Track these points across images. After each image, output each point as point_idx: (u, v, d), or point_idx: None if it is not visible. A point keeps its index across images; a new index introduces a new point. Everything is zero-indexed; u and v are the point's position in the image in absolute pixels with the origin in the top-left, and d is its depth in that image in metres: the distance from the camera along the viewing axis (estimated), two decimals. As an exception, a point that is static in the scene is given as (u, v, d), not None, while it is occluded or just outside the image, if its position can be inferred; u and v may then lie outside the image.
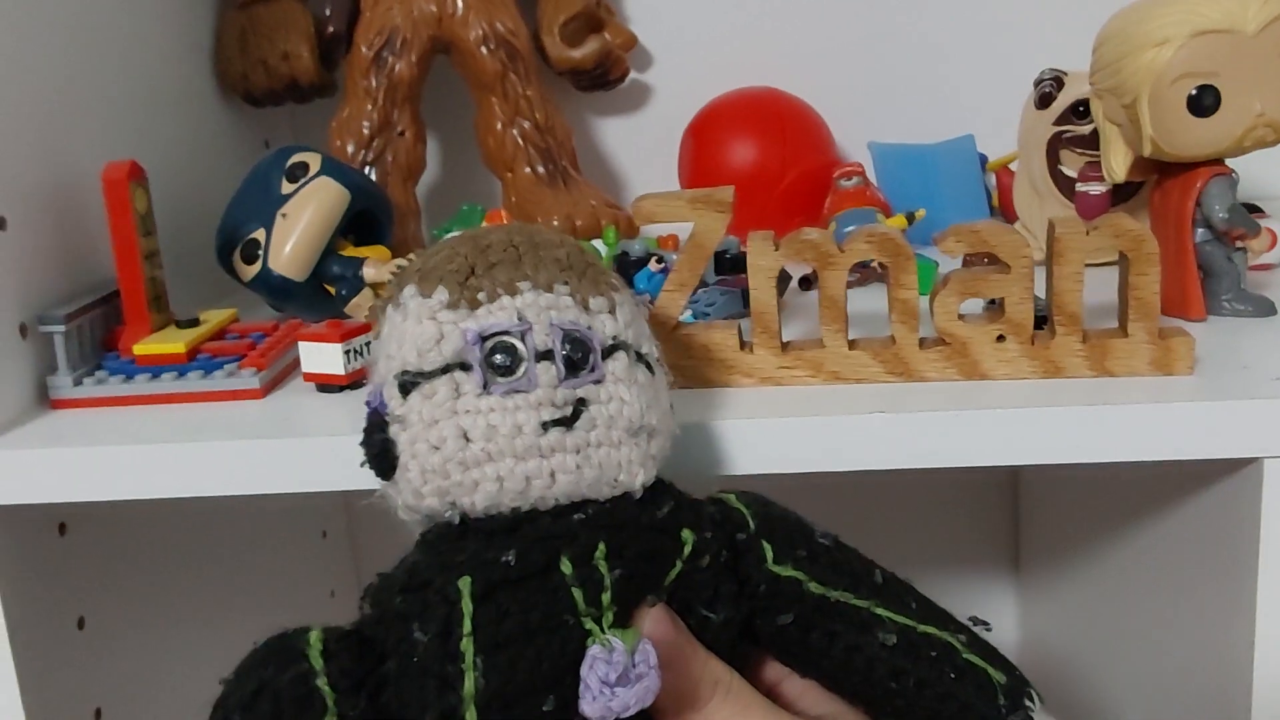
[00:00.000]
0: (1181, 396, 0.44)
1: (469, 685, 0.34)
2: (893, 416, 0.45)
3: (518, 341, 0.36)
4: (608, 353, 0.38)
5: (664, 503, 0.38)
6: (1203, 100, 0.51)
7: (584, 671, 0.34)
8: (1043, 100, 0.67)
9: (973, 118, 0.79)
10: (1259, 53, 0.50)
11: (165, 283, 0.56)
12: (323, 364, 0.51)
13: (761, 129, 0.79)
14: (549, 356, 0.36)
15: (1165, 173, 0.55)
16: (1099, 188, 0.62)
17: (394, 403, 0.37)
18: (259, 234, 0.59)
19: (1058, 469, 0.77)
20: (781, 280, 0.57)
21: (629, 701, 0.33)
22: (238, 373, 0.52)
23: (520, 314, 0.37)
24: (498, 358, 0.36)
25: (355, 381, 0.51)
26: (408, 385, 0.36)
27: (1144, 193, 0.63)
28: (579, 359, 0.37)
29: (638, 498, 0.38)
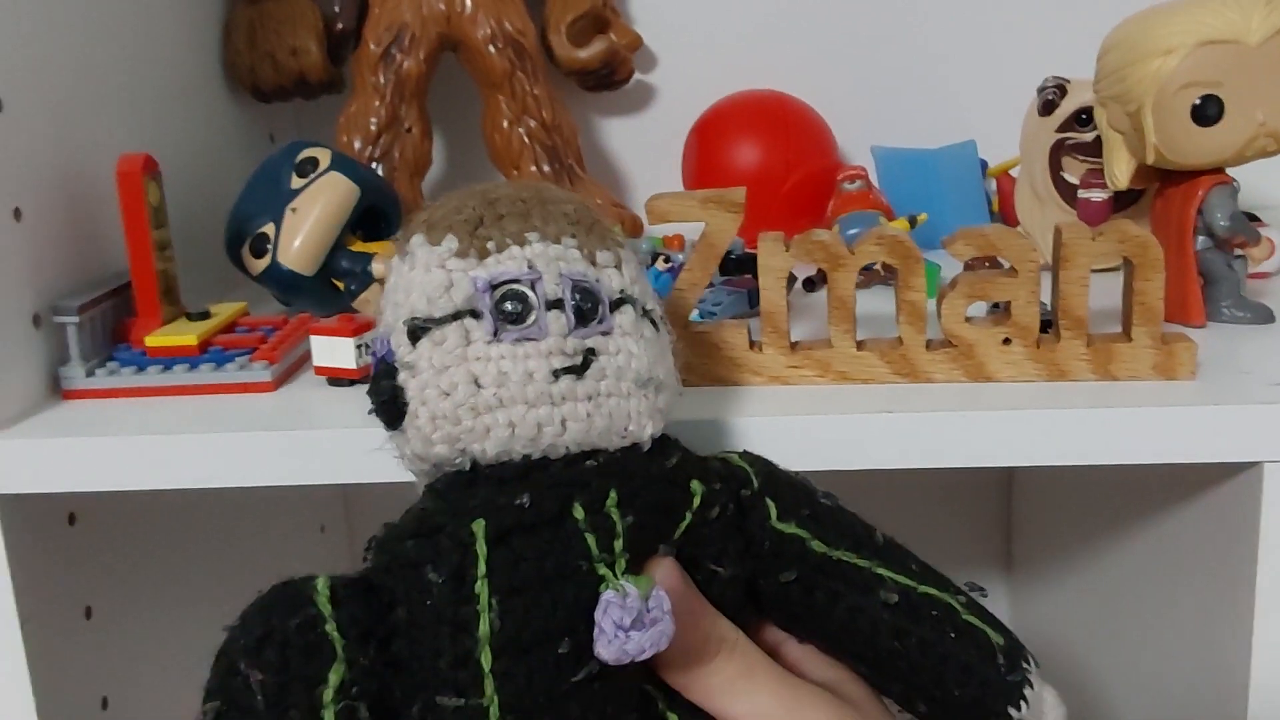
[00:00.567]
0: (1184, 401, 0.45)
1: (484, 627, 0.33)
2: (899, 416, 0.45)
3: (528, 290, 0.36)
4: (615, 306, 0.37)
5: (672, 455, 0.38)
6: (1206, 110, 0.52)
7: (598, 615, 0.34)
8: (1046, 107, 0.68)
9: (974, 124, 0.80)
10: (1262, 63, 0.51)
11: (177, 275, 0.57)
12: (334, 358, 0.51)
13: (766, 131, 0.79)
14: (559, 306, 0.36)
15: (1167, 180, 0.56)
16: (1100, 194, 0.63)
17: (402, 349, 0.36)
18: (268, 228, 0.59)
19: (1053, 470, 0.78)
20: (787, 281, 0.58)
21: (644, 645, 0.33)
22: (249, 365, 0.52)
23: (530, 263, 0.36)
24: (508, 305, 0.36)
25: (366, 376, 0.51)
26: (417, 331, 0.36)
27: (1145, 200, 0.63)
28: (588, 309, 0.36)
29: (646, 450, 0.37)
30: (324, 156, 0.60)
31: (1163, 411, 0.44)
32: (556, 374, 0.35)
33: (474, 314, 0.36)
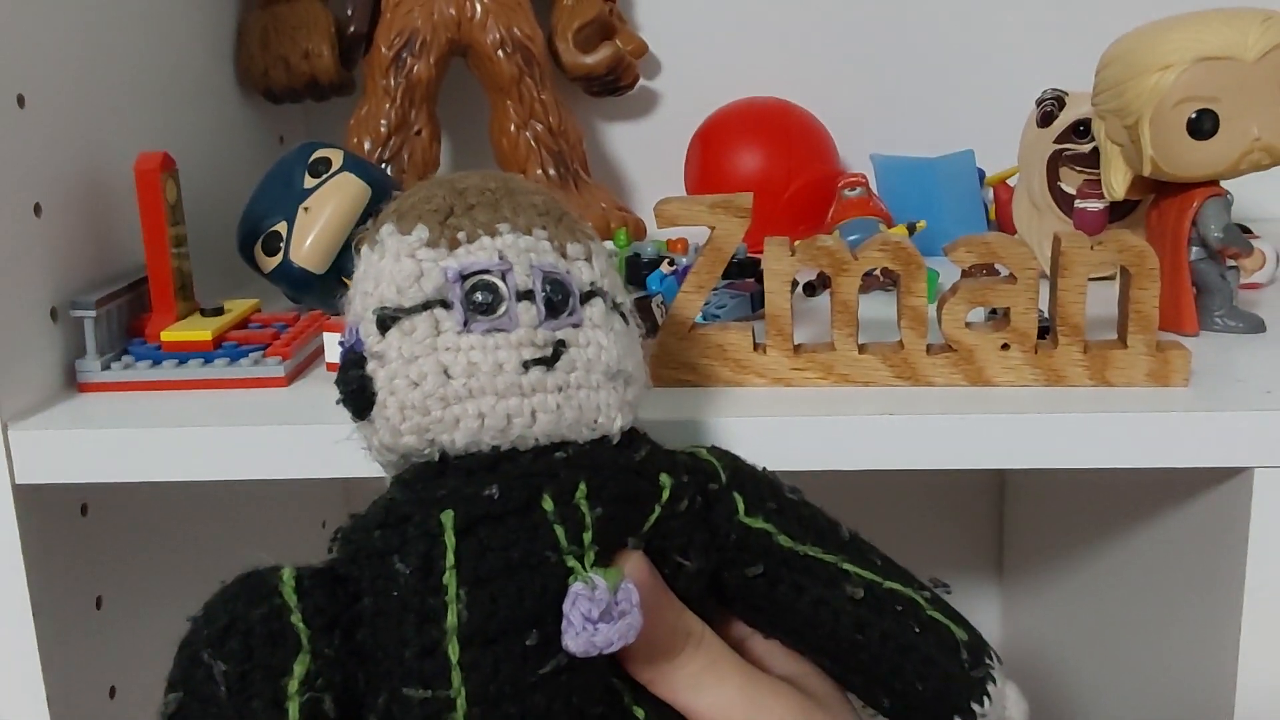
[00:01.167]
0: (1177, 407, 0.46)
1: (452, 618, 0.33)
2: (900, 419, 0.46)
3: (499, 281, 0.35)
4: (585, 298, 0.37)
5: (640, 448, 0.38)
6: (1202, 124, 0.52)
7: (566, 607, 0.33)
8: (1044, 119, 0.69)
9: (972, 134, 0.80)
10: (1257, 80, 0.52)
11: (191, 272, 0.58)
12: (347, 354, 0.52)
13: (768, 138, 0.80)
14: (529, 297, 0.36)
15: (1162, 192, 0.57)
16: (1097, 204, 0.63)
17: (371, 339, 0.36)
18: (281, 227, 0.60)
19: (1045, 475, 0.79)
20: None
21: (612, 637, 0.33)
22: (263, 361, 0.53)
23: (501, 254, 0.36)
24: (479, 296, 0.35)
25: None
26: (386, 321, 0.35)
27: (1140, 211, 0.64)
28: (559, 301, 0.36)
29: (615, 442, 0.37)
30: (336, 157, 0.61)
31: (1156, 417, 0.45)
32: (526, 365, 0.35)
33: (444, 304, 0.35)
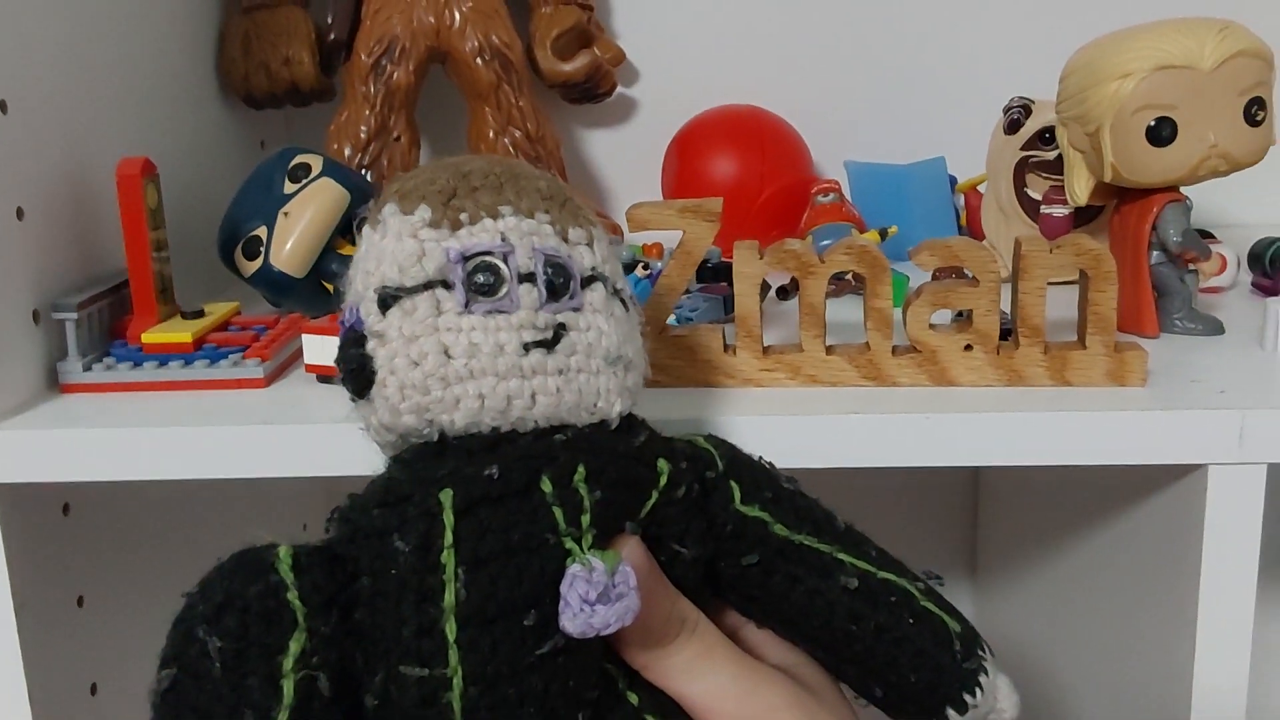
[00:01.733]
0: (1134, 406, 0.47)
1: (450, 597, 0.33)
2: (866, 418, 0.47)
3: (500, 262, 0.35)
4: (586, 283, 0.37)
5: (639, 433, 0.38)
6: (1161, 131, 0.54)
7: (564, 589, 0.33)
8: (1011, 126, 0.70)
9: (944, 141, 0.82)
10: (1214, 88, 0.53)
11: (172, 275, 0.58)
12: (325, 356, 0.52)
13: (743, 145, 0.81)
14: (530, 279, 0.36)
15: (1124, 198, 0.58)
16: (1062, 210, 0.65)
17: (372, 318, 0.36)
18: (261, 231, 0.60)
19: (1017, 474, 0.80)
20: (762, 289, 0.60)
21: (609, 619, 0.33)
22: (242, 362, 0.54)
23: (503, 235, 0.36)
24: (480, 277, 0.35)
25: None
26: (388, 300, 0.35)
27: (1104, 216, 0.66)
28: (560, 285, 0.36)
29: (614, 427, 0.37)
30: (316, 163, 0.62)
31: (1114, 416, 0.47)
32: (527, 347, 0.35)
33: (445, 284, 0.35)
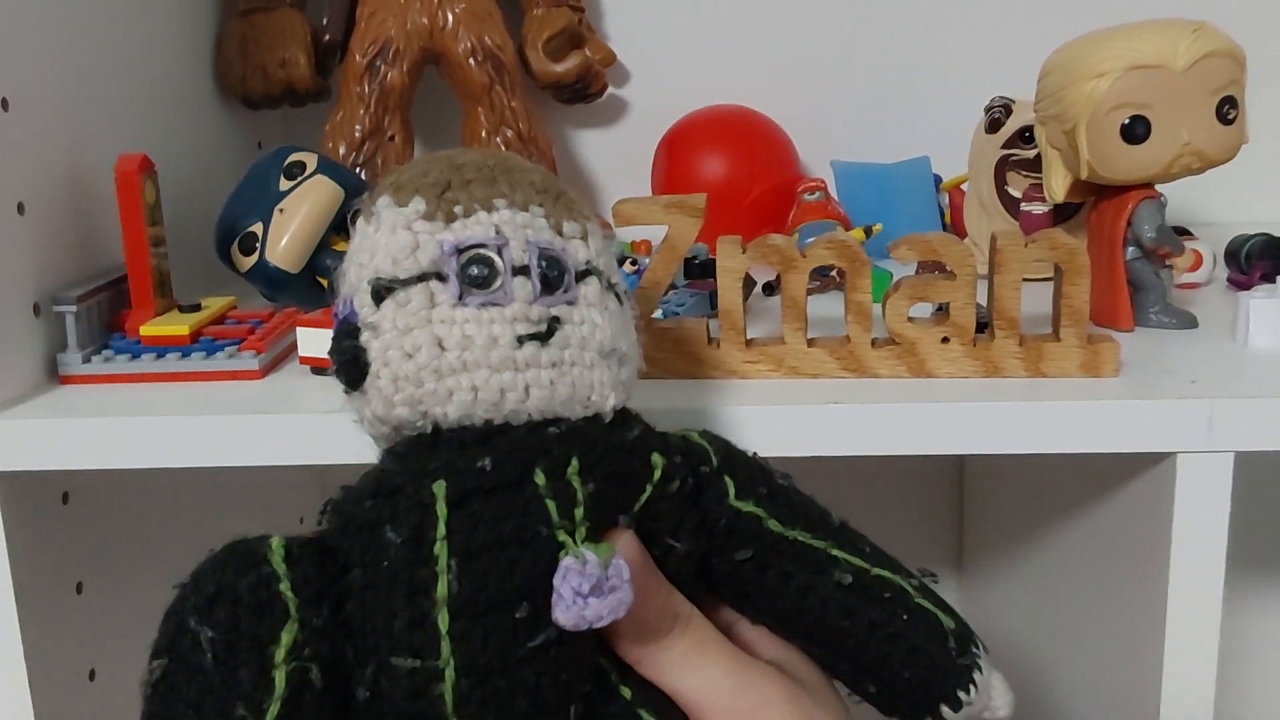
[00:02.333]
0: (1106, 396, 0.48)
1: (442, 589, 0.33)
2: (846, 408, 0.48)
3: (494, 255, 0.36)
4: (580, 277, 0.37)
5: (633, 427, 0.38)
6: (1135, 129, 0.55)
7: (557, 581, 0.33)
8: (992, 125, 0.71)
9: (929, 140, 0.83)
10: (1187, 87, 0.54)
11: (169, 270, 0.59)
12: (319, 348, 0.53)
13: (731, 144, 0.82)
14: (525, 273, 0.36)
15: (1101, 195, 0.59)
16: (1041, 207, 0.66)
17: (365, 310, 0.36)
18: (257, 227, 0.62)
19: (1001, 467, 0.81)
20: (748, 285, 0.61)
21: (602, 612, 0.33)
22: (238, 355, 0.55)
23: (498, 228, 0.36)
24: (474, 270, 0.35)
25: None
26: (381, 292, 0.35)
27: (1083, 213, 0.67)
28: (554, 278, 0.36)
29: (608, 421, 0.37)
30: (311, 161, 0.63)
31: (1086, 405, 0.48)
32: (521, 340, 0.35)
33: (439, 277, 0.35)
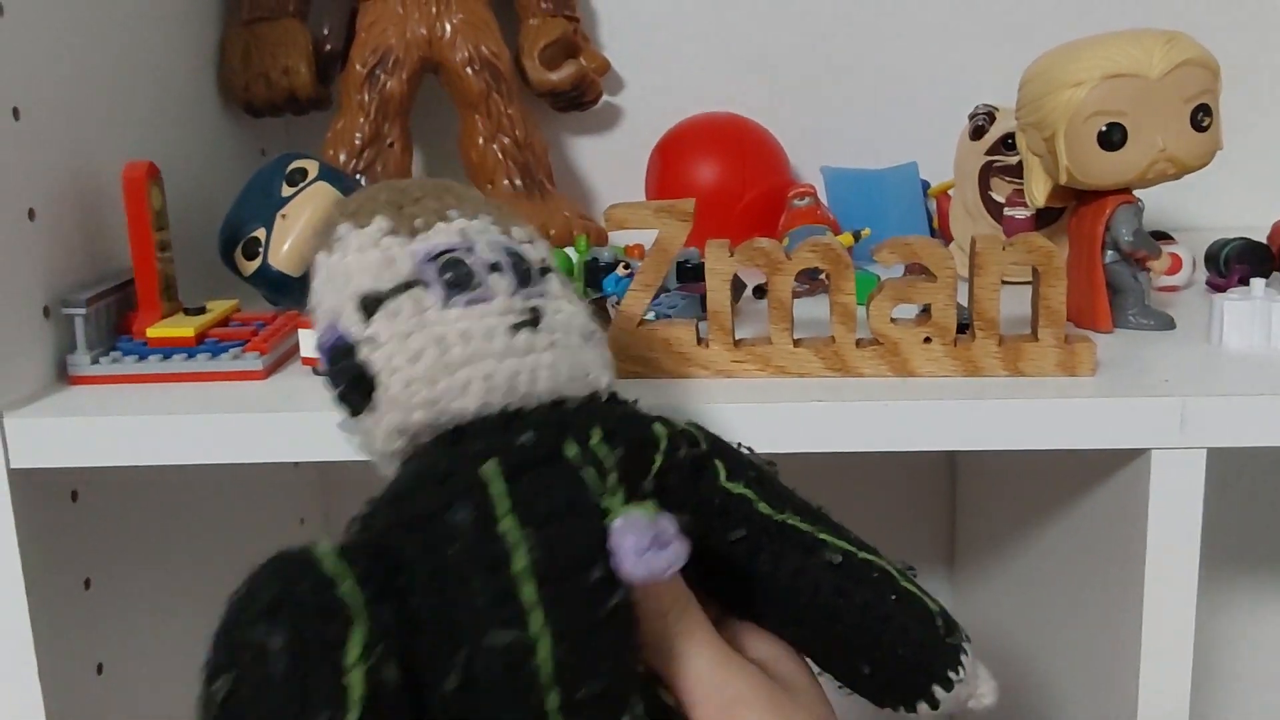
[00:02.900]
0: (1083, 394, 0.49)
1: (519, 562, 0.33)
2: (831, 405, 0.50)
3: (465, 257, 0.36)
4: (542, 273, 0.38)
5: (627, 402, 0.40)
6: (1111, 136, 0.56)
7: (615, 541, 0.33)
8: (976, 132, 0.73)
9: (917, 147, 0.84)
10: (1162, 95, 0.56)
11: (175, 275, 0.61)
12: (320, 349, 0.56)
13: (723, 151, 0.84)
14: (497, 269, 0.37)
15: (1080, 200, 0.60)
16: (1024, 212, 0.67)
17: (357, 328, 0.36)
18: (260, 232, 0.63)
19: (991, 464, 0.83)
20: (738, 287, 0.63)
21: (670, 560, 0.33)
22: (242, 356, 0.56)
23: (461, 233, 0.37)
24: (451, 273, 0.36)
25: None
26: (370, 306, 0.36)
27: (1064, 218, 0.69)
28: (524, 272, 0.37)
29: (604, 399, 0.39)
30: (312, 167, 0.64)
31: (1063, 403, 0.49)
32: (514, 329, 0.36)
33: (422, 284, 0.36)
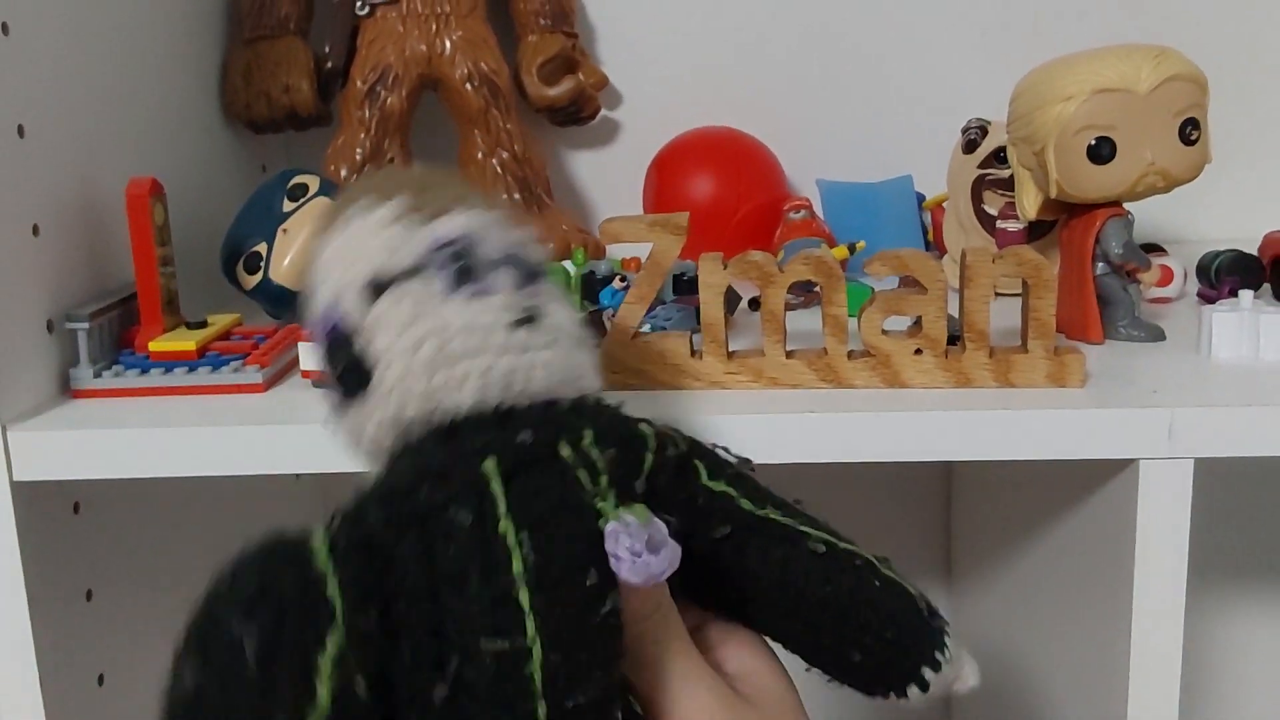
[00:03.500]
0: (1072, 405, 0.50)
1: (517, 564, 0.32)
2: (823, 417, 0.50)
3: (472, 249, 0.36)
4: (540, 275, 0.39)
5: (613, 405, 0.40)
6: (1101, 150, 0.57)
7: (610, 545, 0.33)
8: (969, 146, 0.73)
9: (911, 160, 0.84)
10: (1151, 110, 0.56)
11: (177, 289, 0.62)
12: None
13: (720, 165, 0.84)
14: (501, 265, 0.37)
15: (1071, 213, 0.61)
16: (1016, 225, 0.68)
17: (358, 313, 0.36)
18: (261, 247, 0.64)
19: (986, 475, 0.83)
20: (733, 300, 0.63)
21: (665, 565, 0.33)
22: (243, 369, 0.57)
23: (472, 225, 0.37)
24: (459, 263, 0.36)
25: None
26: (374, 290, 0.36)
27: (1056, 231, 0.69)
28: (524, 272, 0.37)
29: (592, 402, 0.38)
30: (313, 183, 0.66)
31: (1053, 414, 0.50)
32: (514, 325, 0.36)
33: (427, 271, 0.36)
